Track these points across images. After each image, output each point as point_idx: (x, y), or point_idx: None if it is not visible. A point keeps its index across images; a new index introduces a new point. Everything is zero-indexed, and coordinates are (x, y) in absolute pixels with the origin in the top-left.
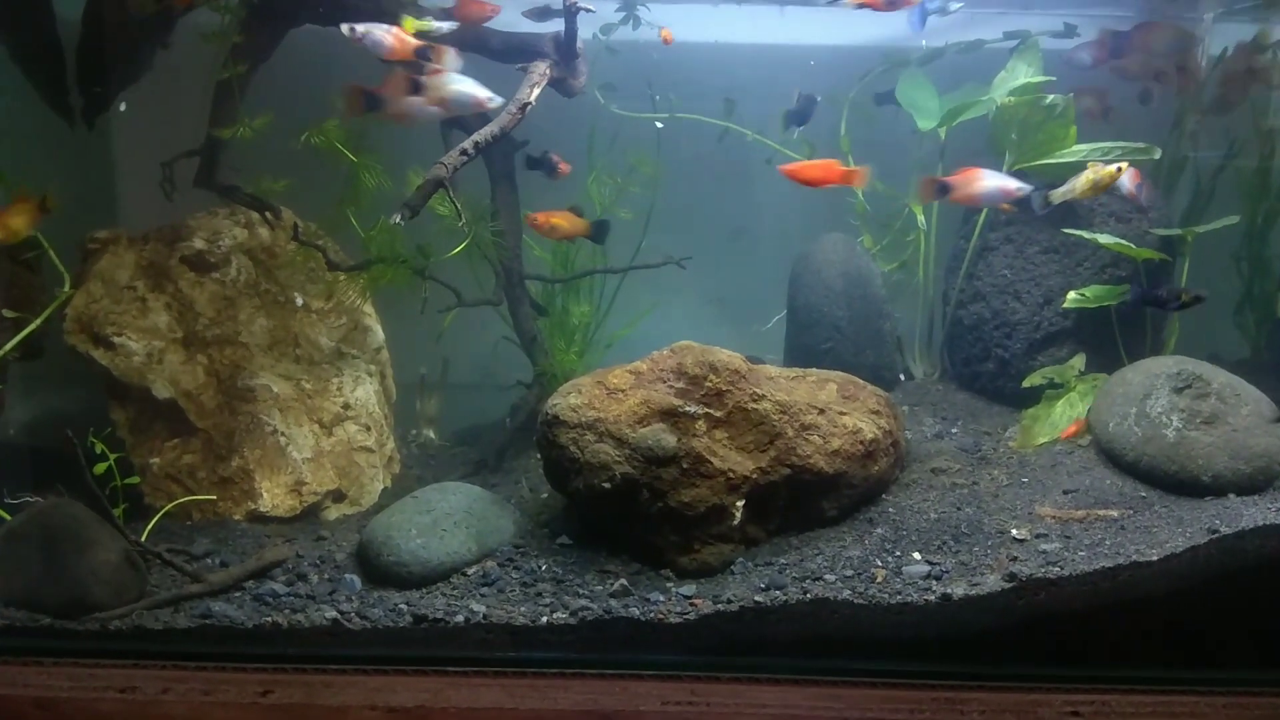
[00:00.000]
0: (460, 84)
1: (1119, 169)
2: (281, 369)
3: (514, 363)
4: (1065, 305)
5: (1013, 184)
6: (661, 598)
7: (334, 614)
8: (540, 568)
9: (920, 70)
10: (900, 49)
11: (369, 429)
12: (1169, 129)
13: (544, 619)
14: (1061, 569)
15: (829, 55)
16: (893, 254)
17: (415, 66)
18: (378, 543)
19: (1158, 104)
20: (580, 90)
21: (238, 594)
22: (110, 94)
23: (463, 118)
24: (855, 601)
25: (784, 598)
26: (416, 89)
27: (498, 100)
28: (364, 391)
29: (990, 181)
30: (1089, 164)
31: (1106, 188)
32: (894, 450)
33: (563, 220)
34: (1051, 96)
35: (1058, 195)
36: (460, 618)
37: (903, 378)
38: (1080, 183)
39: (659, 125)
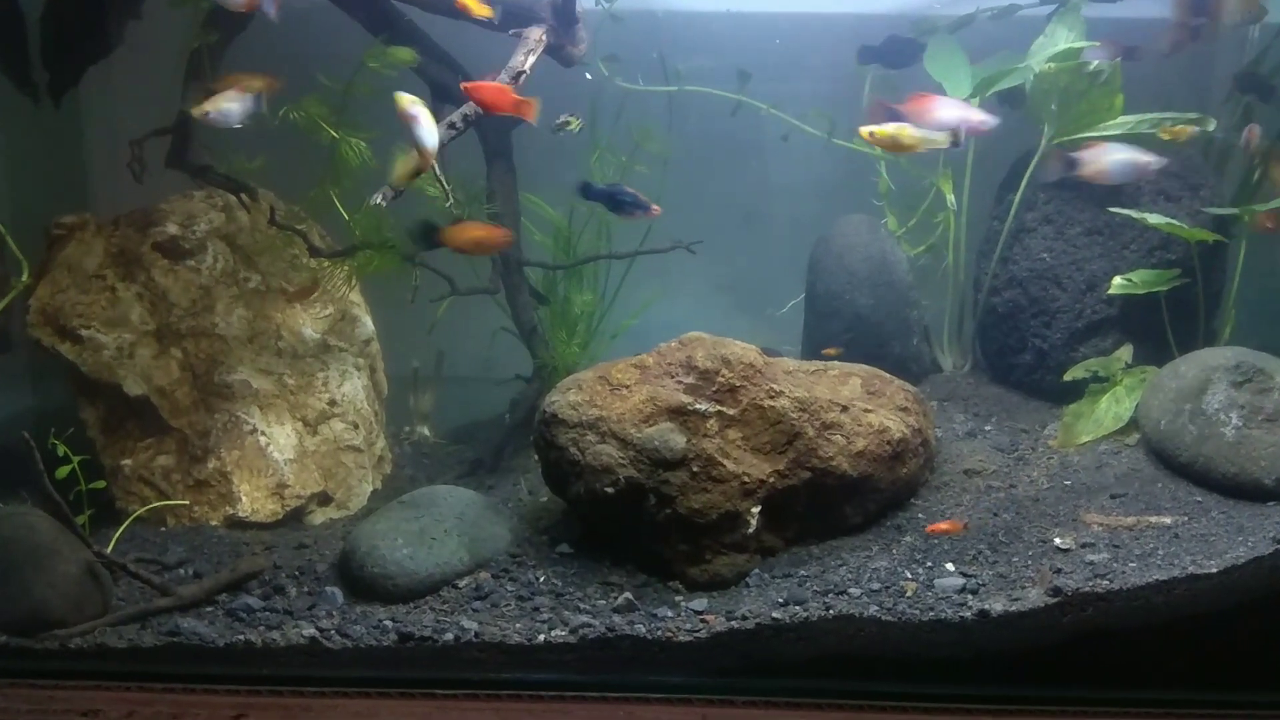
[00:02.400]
0: None
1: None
2: (262, 363)
3: (513, 355)
4: (1110, 292)
5: (976, 114)
6: (670, 613)
7: (313, 631)
8: (538, 579)
9: (950, 37)
10: (927, 16)
11: (357, 427)
12: (1222, 100)
13: (541, 637)
14: (1111, 582)
15: (852, 23)
16: (919, 237)
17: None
18: (361, 553)
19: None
20: (580, 59)
21: (210, 609)
22: (78, 69)
23: (452, 89)
24: (883, 618)
25: (804, 614)
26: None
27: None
28: (352, 386)
29: (949, 111)
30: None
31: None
32: (923, 450)
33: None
34: (1096, 62)
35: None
36: (450, 636)
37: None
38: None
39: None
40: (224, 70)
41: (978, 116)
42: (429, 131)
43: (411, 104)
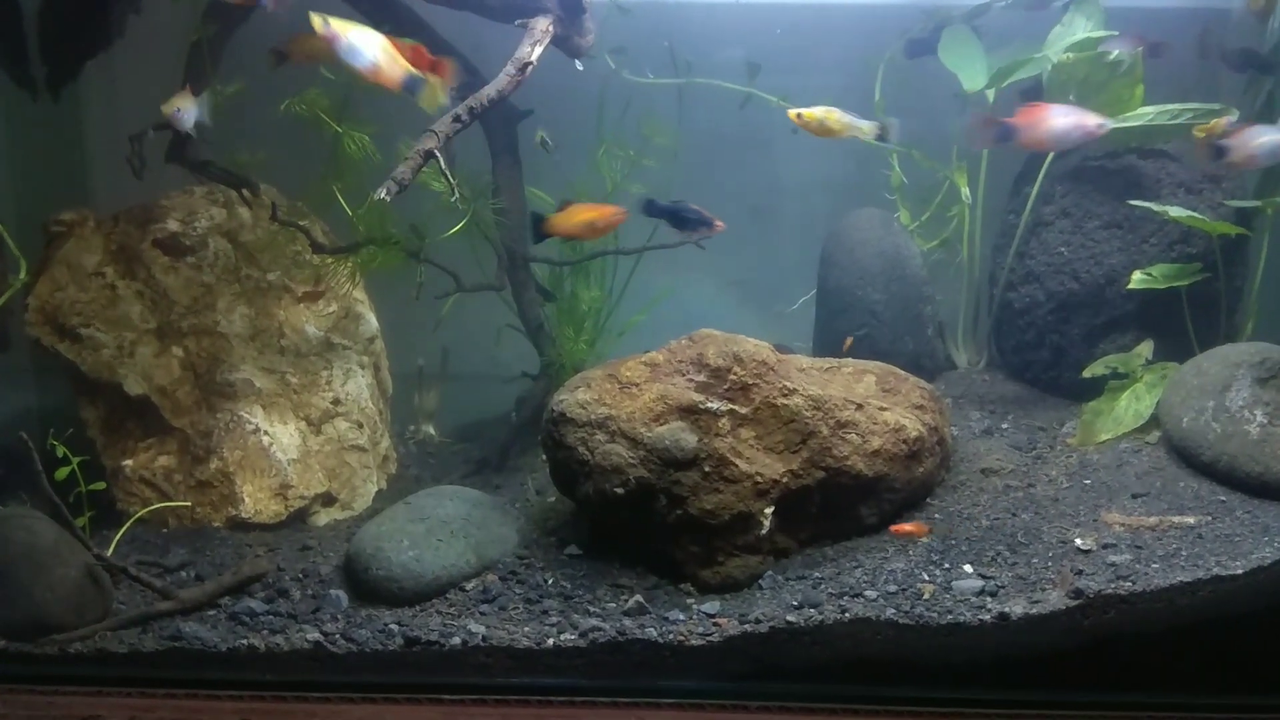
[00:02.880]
0: None
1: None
2: (264, 361)
3: (520, 352)
4: (1130, 287)
5: (1092, 120)
6: (682, 616)
7: (317, 635)
8: (546, 582)
9: (965, 26)
10: (941, 5)
11: (361, 426)
12: (1244, 88)
13: (550, 641)
14: (1133, 584)
15: (862, 13)
16: (933, 231)
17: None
18: (366, 555)
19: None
20: (588, 50)
21: (212, 612)
22: (76, 62)
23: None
24: (900, 621)
25: (819, 617)
26: None
27: None
28: (355, 385)
29: (1064, 119)
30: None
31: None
32: (940, 449)
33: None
34: (1116, 52)
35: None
36: (457, 640)
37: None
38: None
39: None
40: (223, 64)
41: (1093, 121)
42: (356, 49)
43: (324, 24)
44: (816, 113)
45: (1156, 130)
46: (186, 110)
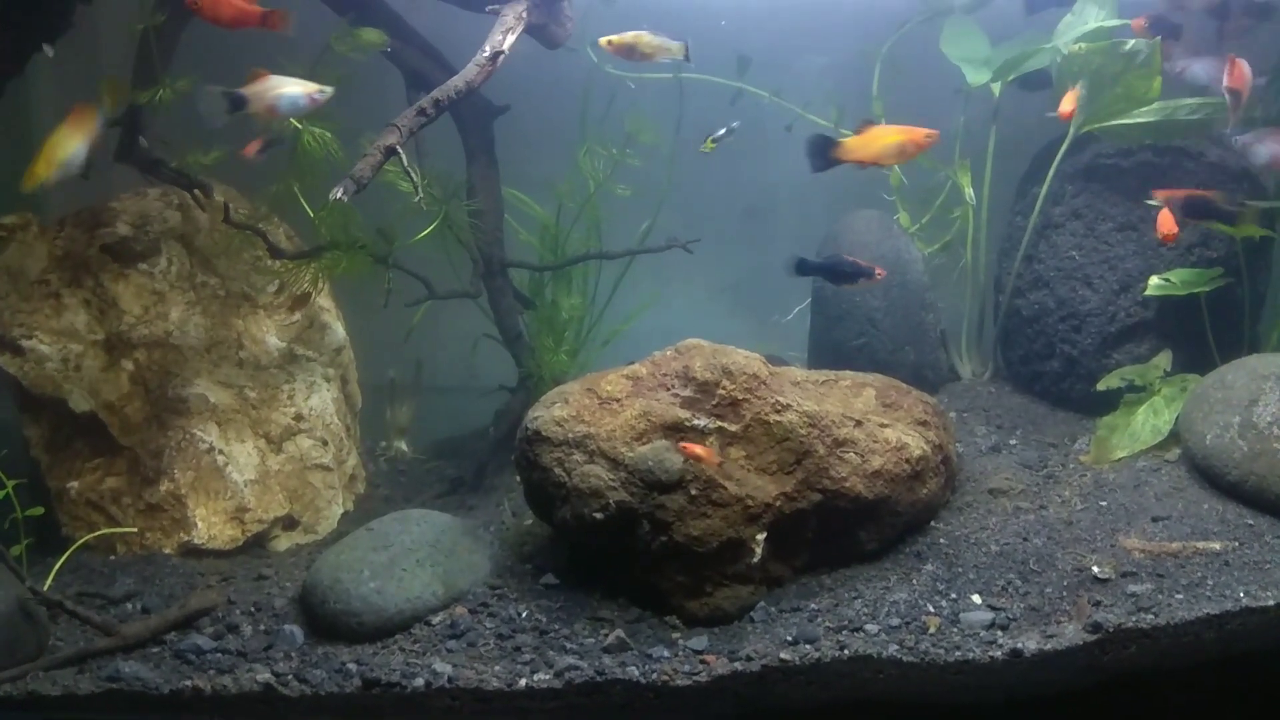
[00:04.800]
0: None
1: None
2: (221, 375)
3: (498, 363)
4: (1146, 293)
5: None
6: (666, 653)
7: (268, 676)
8: (520, 615)
9: (968, 18)
10: None
11: (326, 444)
12: (1265, 83)
13: (523, 681)
14: (1155, 616)
15: (859, 5)
16: (934, 234)
17: None
18: (323, 587)
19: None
20: (566, 39)
21: (156, 649)
22: (22, 55)
23: (428, 74)
24: (904, 659)
25: (816, 654)
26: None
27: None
28: (320, 399)
29: None
30: None
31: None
32: (944, 468)
33: None
34: (1132, 42)
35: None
36: (420, 681)
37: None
38: None
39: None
40: (176, 56)
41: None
42: None
43: None
44: (626, 37)
45: (1173, 125)
46: (74, 156)
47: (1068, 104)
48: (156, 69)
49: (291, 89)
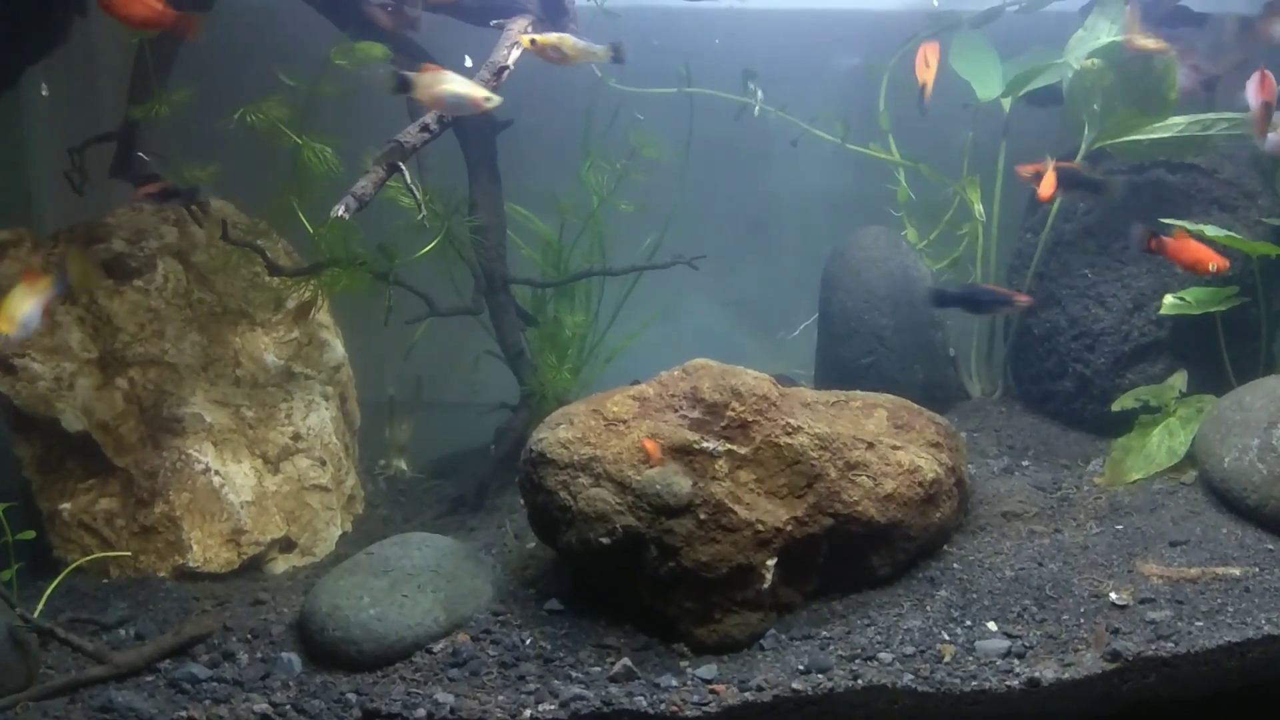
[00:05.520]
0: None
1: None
2: (217, 394)
3: (499, 380)
4: (1161, 312)
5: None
6: (674, 682)
7: (265, 706)
8: (524, 642)
9: (978, 32)
10: (950, 11)
11: (324, 463)
12: None
13: (527, 712)
14: (1175, 644)
15: (864, 19)
16: (943, 250)
17: None
18: (321, 614)
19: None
20: None
21: (150, 678)
22: (17, 68)
23: None
24: (919, 689)
25: (829, 684)
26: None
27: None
28: (318, 418)
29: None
30: None
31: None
32: (957, 491)
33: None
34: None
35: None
36: (422, 711)
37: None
38: None
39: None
40: (175, 69)
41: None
42: None
43: None
44: (550, 38)
45: (1187, 143)
46: (25, 320)
47: (1046, 188)
48: (153, 83)
49: (460, 87)
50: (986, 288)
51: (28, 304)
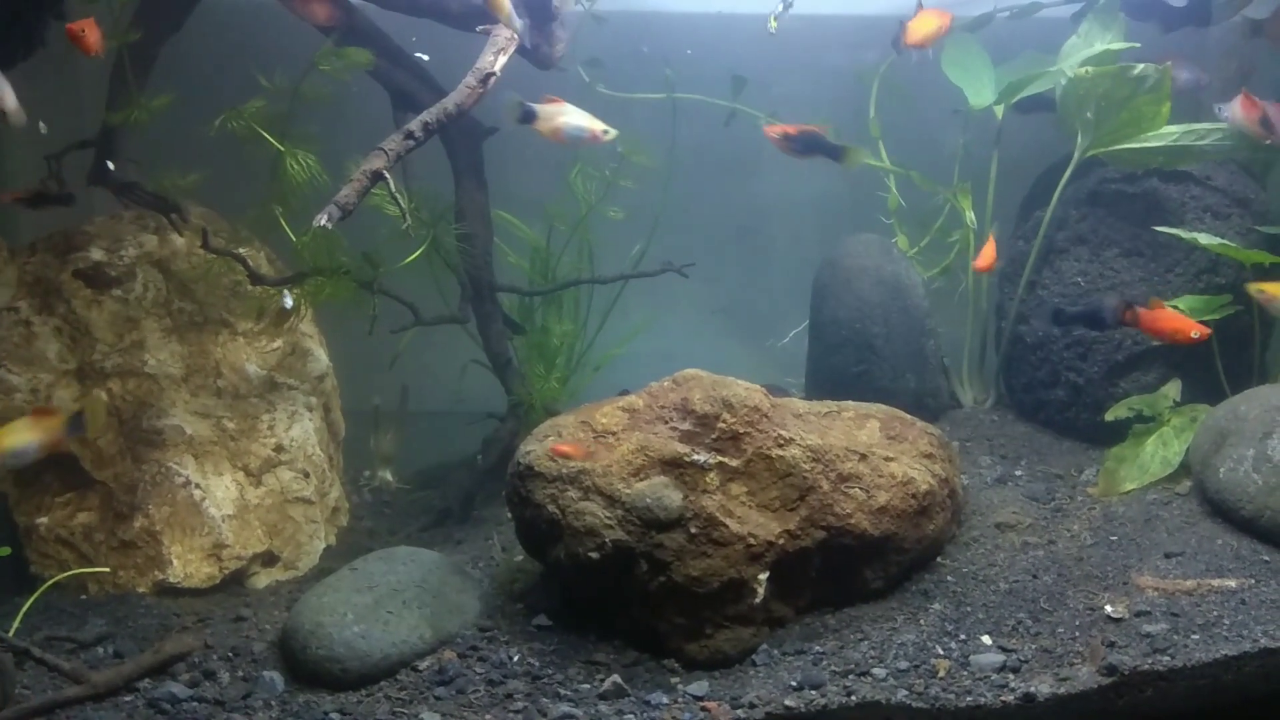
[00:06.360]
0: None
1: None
2: (198, 405)
3: (486, 389)
4: None
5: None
6: (665, 699)
7: None
8: (511, 659)
9: (970, 37)
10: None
11: (307, 475)
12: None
13: None
14: (1172, 658)
15: (855, 25)
16: (934, 258)
17: None
18: (304, 632)
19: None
20: (557, 61)
21: (128, 698)
22: None
23: (416, 95)
24: (913, 705)
25: (822, 700)
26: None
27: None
28: (301, 429)
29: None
30: None
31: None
32: (951, 503)
33: None
34: (1141, 66)
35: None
36: None
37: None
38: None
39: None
40: (154, 74)
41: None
42: None
43: None
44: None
45: (1181, 152)
46: (24, 450)
47: (984, 258)
48: (132, 88)
49: (579, 120)
50: (1108, 305)
51: (23, 439)
